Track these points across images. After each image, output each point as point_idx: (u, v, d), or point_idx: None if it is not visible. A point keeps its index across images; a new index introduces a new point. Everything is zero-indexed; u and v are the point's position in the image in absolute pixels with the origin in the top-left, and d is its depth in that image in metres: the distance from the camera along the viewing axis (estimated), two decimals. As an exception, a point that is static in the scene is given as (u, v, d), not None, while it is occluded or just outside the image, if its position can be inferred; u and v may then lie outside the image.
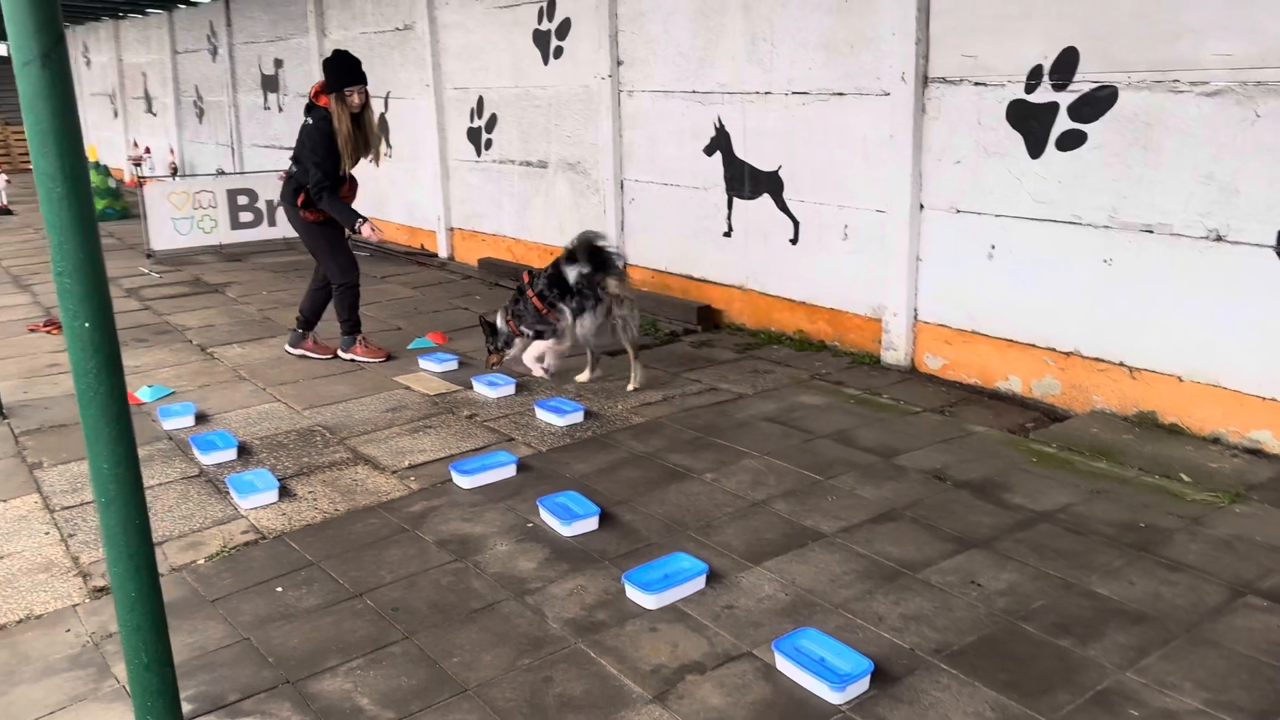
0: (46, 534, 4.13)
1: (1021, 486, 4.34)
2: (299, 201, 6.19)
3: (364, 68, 6.34)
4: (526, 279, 5.90)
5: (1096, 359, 5.18)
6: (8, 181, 14.97)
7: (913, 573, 3.62)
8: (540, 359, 5.97)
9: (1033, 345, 5.46)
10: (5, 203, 14.82)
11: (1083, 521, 3.99)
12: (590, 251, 5.61)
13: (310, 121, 6.18)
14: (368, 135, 6.26)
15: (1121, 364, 5.08)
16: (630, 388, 5.78)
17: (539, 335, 5.87)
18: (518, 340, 5.93)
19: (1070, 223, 5.16)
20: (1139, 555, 3.71)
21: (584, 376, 5.96)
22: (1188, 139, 4.63)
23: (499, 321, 5.95)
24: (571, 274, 5.64)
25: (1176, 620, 3.27)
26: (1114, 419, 5.06)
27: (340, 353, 6.56)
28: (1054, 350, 5.36)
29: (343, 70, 6.08)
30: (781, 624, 3.30)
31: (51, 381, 6.24)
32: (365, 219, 6.18)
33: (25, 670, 3.18)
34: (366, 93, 6.18)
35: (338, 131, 6.05)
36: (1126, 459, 4.60)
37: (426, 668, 3.13)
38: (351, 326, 6.52)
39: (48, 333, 7.48)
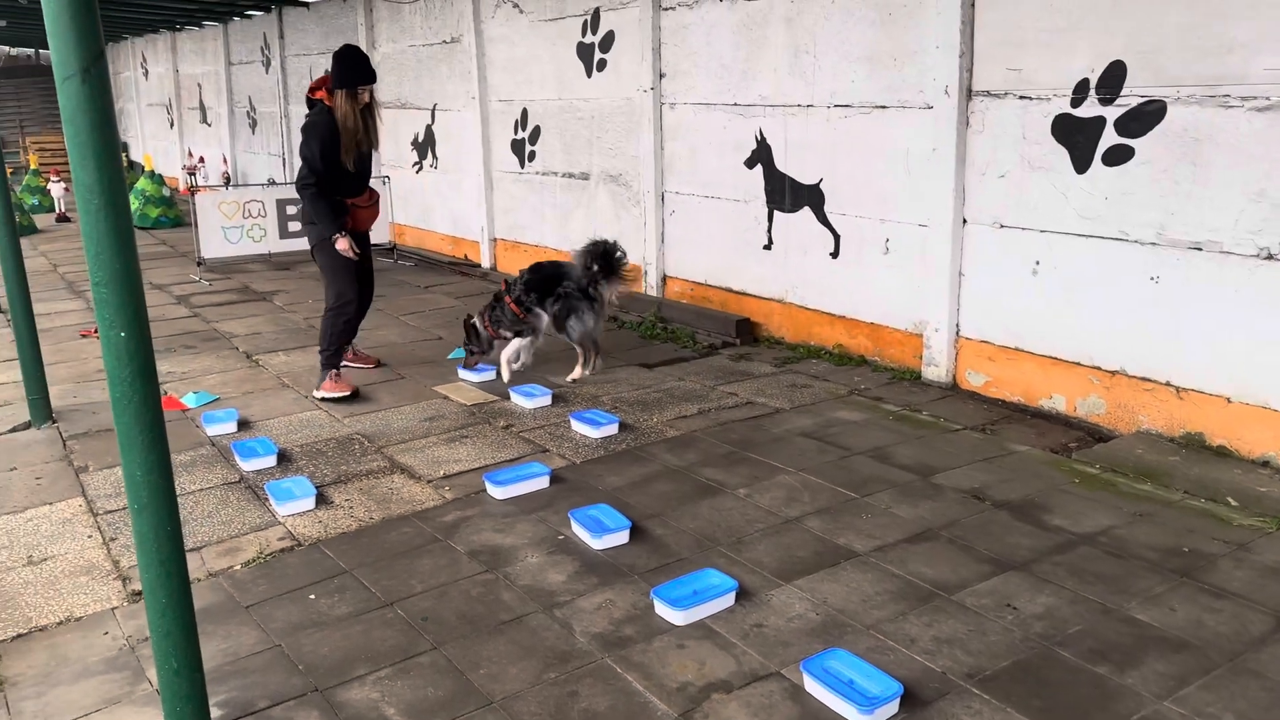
0: (89, 537, 4.21)
1: (1062, 508, 4.26)
2: None
3: (412, 80, 6.28)
4: (504, 287, 6.31)
5: (1143, 378, 5.07)
6: (66, 189, 15.35)
7: (947, 594, 3.56)
8: (514, 358, 6.31)
9: (1077, 363, 5.36)
10: (63, 210, 15.20)
11: (1124, 545, 3.91)
12: (604, 256, 6.17)
13: (308, 117, 5.93)
14: (372, 133, 5.94)
15: (1168, 384, 4.97)
16: (574, 377, 6.28)
17: (518, 334, 6.28)
18: (497, 342, 6.33)
19: (1117, 239, 5.06)
20: (1181, 581, 3.62)
21: (578, 374, 6.26)
22: (1238, 155, 4.53)
23: (479, 325, 6.30)
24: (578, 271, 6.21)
25: (1219, 649, 3.19)
26: (1160, 440, 4.95)
27: (314, 392, 6.04)
28: (1099, 369, 5.26)
29: (358, 67, 5.83)
30: (811, 644, 3.27)
31: (101, 386, 6.37)
32: (345, 234, 5.81)
33: (63, 671, 3.24)
34: (372, 91, 5.90)
35: (343, 127, 5.76)
36: (1172, 481, 4.49)
37: (453, 679, 3.13)
38: (330, 359, 6.00)
39: (99, 338, 7.63)
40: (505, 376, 6.21)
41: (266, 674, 3.19)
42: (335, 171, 5.85)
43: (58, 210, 15.26)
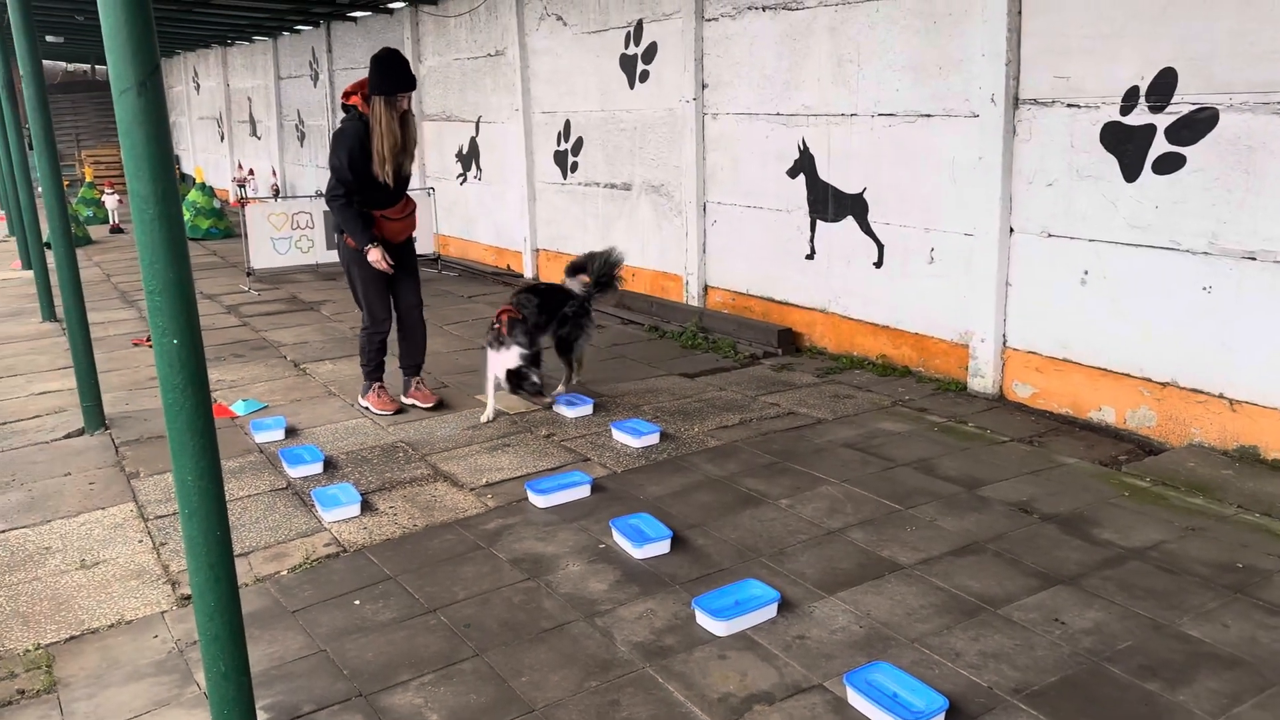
0: (140, 542, 4.29)
1: (1112, 522, 4.19)
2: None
3: (457, 93, 6.13)
4: (518, 314, 5.73)
5: (1195, 390, 4.97)
6: (120, 201, 15.69)
7: (993, 608, 3.51)
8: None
9: (1127, 374, 5.27)
10: (116, 222, 15.53)
11: (1175, 560, 3.83)
12: (609, 269, 6.11)
13: (340, 124, 5.68)
14: (410, 143, 5.62)
15: (1221, 396, 4.87)
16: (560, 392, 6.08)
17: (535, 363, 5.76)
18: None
19: (1168, 248, 4.98)
20: (1235, 597, 3.54)
21: (564, 389, 6.16)
22: (1294, 162, 4.44)
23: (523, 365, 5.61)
24: (576, 286, 6.09)
25: (1273, 667, 3.11)
26: (1212, 453, 4.85)
27: (359, 398, 6.11)
28: (1149, 380, 5.17)
29: (397, 73, 5.44)
30: (854, 657, 3.24)
31: (152, 394, 6.50)
32: (376, 243, 5.60)
33: (114, 674, 3.30)
34: (409, 98, 5.58)
35: (383, 135, 5.44)
36: (1225, 495, 4.40)
37: (495, 686, 3.15)
38: (370, 372, 5.98)
39: (150, 347, 7.79)
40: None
41: (312, 679, 3.23)
42: (365, 181, 5.58)
43: (111, 222, 15.62)
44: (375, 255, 5.63)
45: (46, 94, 5.74)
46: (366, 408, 5.99)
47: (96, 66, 28.13)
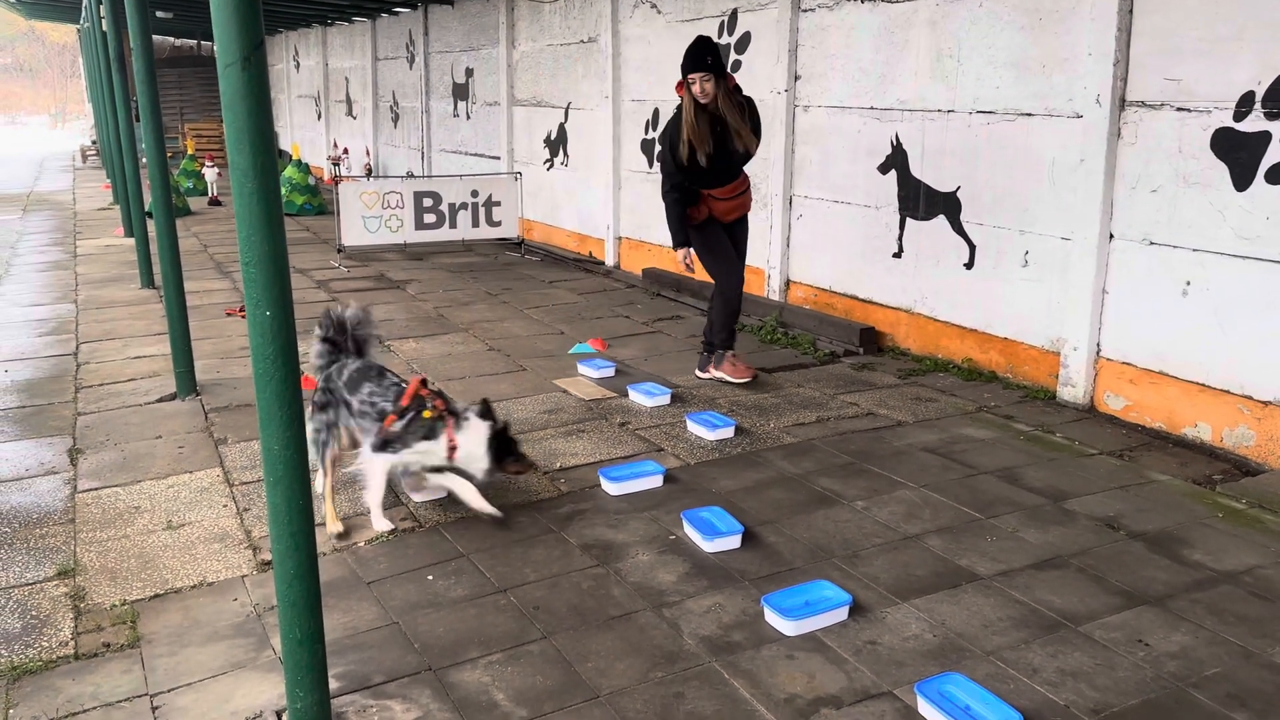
0: (225, 506, 4.41)
1: (1203, 543, 4.02)
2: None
3: (548, 78, 6.05)
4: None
5: (1299, 411, 4.75)
6: (219, 174, 16.16)
7: (1074, 625, 3.41)
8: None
9: (1226, 391, 5.06)
10: (215, 194, 16.00)
11: (1270, 586, 3.66)
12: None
13: None
14: (715, 124, 5.68)
15: (1329, 418, 4.65)
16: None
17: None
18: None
19: (1277, 262, 4.75)
20: (1336, 631, 3.37)
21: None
22: None
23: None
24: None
25: (1376, 707, 2.96)
26: (1316, 478, 4.63)
27: (698, 371, 6.30)
28: (1250, 398, 4.95)
29: (688, 56, 5.59)
30: (926, 666, 3.17)
31: (242, 363, 6.68)
32: (686, 246, 5.92)
33: (194, 634, 3.39)
34: (718, 80, 5.58)
35: (683, 117, 5.67)
36: (1328, 523, 4.20)
37: (562, 669, 3.16)
38: (724, 340, 6.14)
39: (243, 317, 8.01)
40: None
41: (383, 650, 3.28)
42: (689, 165, 5.77)
43: (210, 194, 16.09)
44: (680, 255, 6.01)
45: (155, 67, 5.92)
46: (721, 379, 6.15)
47: (202, 42, 28.99)
